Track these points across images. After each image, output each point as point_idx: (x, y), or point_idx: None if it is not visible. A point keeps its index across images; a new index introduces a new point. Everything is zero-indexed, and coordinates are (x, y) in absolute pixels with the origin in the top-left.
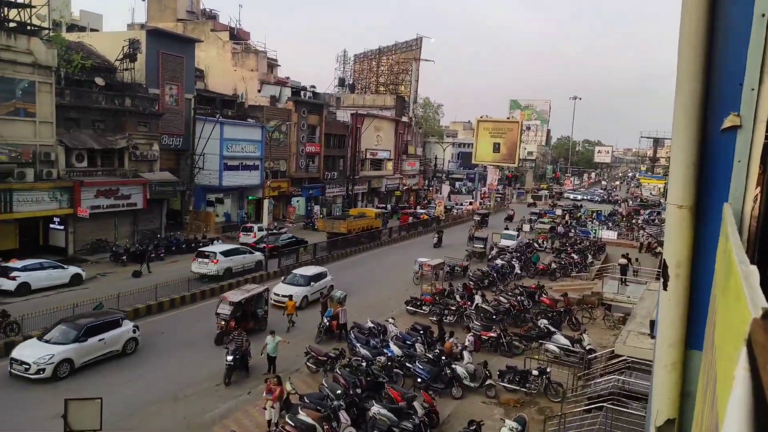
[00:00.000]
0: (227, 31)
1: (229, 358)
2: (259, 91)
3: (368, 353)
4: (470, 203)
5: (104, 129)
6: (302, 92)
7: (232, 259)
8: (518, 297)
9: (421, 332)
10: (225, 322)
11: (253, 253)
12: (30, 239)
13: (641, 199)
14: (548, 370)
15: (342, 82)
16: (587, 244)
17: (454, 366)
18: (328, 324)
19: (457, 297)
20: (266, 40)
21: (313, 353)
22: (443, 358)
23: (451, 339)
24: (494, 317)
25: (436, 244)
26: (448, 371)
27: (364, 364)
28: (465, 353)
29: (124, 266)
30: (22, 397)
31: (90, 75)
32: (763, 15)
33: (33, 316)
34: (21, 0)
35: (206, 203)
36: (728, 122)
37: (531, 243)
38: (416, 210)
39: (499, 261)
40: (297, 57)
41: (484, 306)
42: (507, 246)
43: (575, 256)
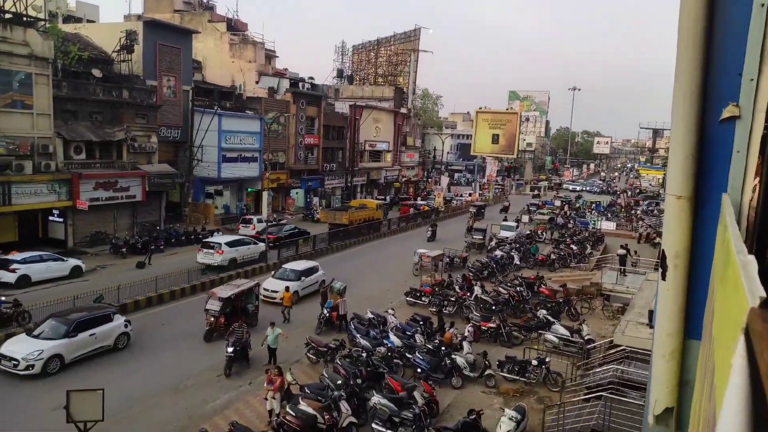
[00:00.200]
0: (224, 22)
1: (230, 350)
2: (257, 83)
3: (368, 344)
4: (469, 195)
5: (102, 121)
6: (300, 84)
7: (237, 250)
8: (517, 288)
9: (421, 323)
10: (214, 318)
11: (257, 244)
12: (29, 232)
13: (640, 190)
14: (547, 360)
15: (340, 74)
16: (586, 235)
17: (454, 356)
18: (328, 315)
19: (457, 288)
20: (264, 32)
21: (314, 344)
22: (443, 349)
23: (451, 329)
24: (494, 308)
25: (430, 238)
26: (448, 361)
27: (365, 355)
28: (465, 344)
29: (124, 258)
30: (16, 394)
31: (87, 67)
32: (763, 5)
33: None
34: None
35: (205, 195)
36: (727, 113)
37: (530, 234)
38: (417, 201)
39: (499, 252)
40: (295, 49)
41: (484, 297)
42: (506, 237)
43: (574, 247)
